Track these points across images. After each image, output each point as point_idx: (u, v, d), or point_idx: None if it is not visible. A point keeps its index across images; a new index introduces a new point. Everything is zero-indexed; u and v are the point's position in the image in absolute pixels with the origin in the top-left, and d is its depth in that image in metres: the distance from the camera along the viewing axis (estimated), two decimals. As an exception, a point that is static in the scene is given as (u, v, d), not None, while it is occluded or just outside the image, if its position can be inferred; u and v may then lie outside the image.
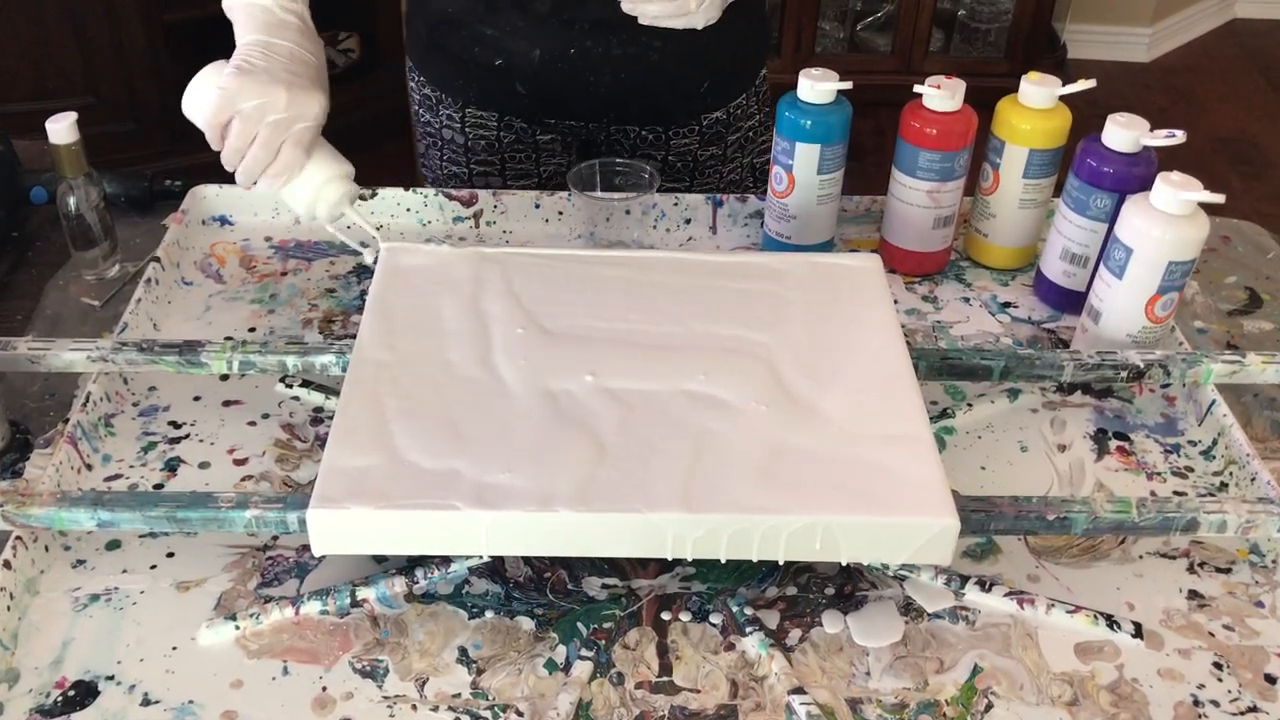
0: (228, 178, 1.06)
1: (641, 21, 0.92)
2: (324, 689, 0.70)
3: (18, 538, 0.74)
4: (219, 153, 0.87)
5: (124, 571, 0.76)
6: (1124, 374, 0.88)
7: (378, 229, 0.91)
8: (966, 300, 1.04)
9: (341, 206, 0.90)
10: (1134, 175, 0.94)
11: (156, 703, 0.68)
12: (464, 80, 1.16)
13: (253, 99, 0.84)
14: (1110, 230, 0.93)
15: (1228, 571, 0.80)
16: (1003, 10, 3.15)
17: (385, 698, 0.69)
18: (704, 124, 1.18)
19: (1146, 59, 3.50)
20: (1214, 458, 0.88)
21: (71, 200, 0.98)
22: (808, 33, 3.09)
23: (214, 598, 0.75)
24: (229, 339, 0.88)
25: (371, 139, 1.36)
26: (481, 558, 0.77)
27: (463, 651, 0.72)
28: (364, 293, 1.00)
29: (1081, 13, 3.42)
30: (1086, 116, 0.99)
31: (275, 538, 0.79)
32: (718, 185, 1.23)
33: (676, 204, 1.11)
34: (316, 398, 0.90)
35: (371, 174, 1.28)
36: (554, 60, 1.10)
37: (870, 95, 1.93)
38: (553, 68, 1.10)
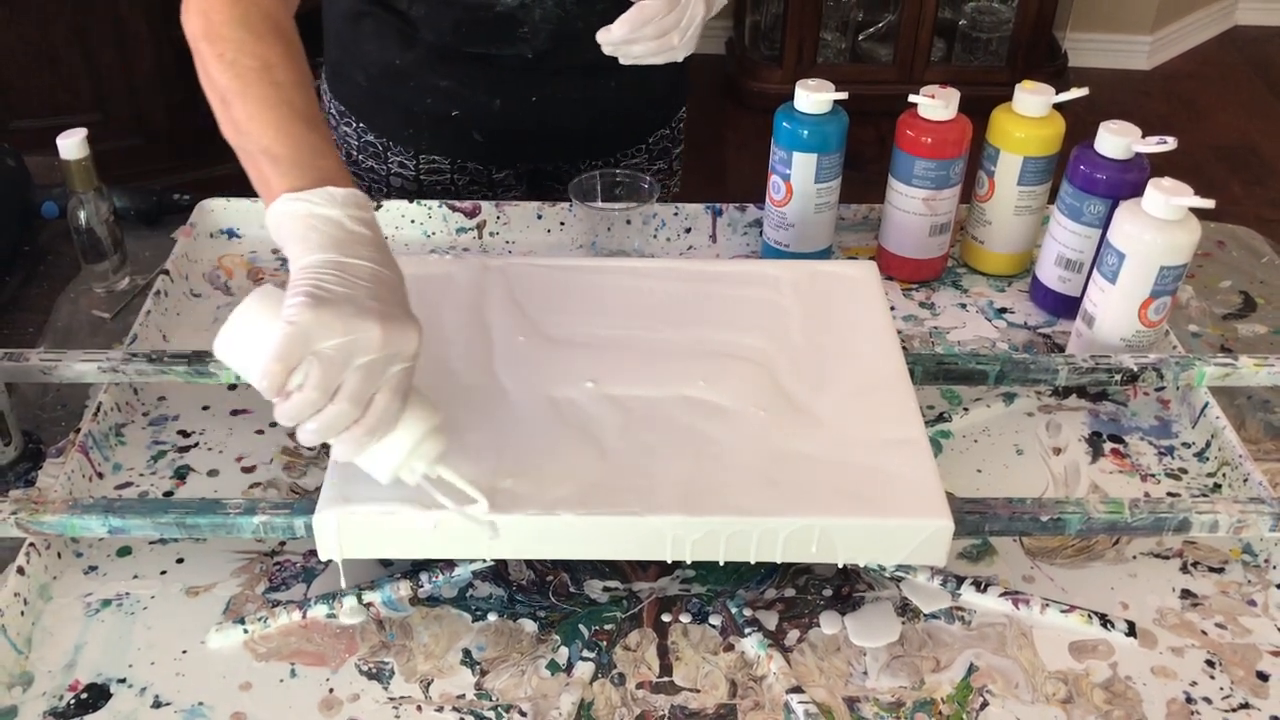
0: (234, 191, 1.08)
1: (623, 62, 0.91)
2: (331, 691, 0.71)
3: (31, 544, 0.76)
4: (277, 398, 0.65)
5: (135, 577, 0.78)
6: (1118, 377, 0.90)
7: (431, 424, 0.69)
8: (963, 306, 1.06)
9: (437, 467, 0.70)
10: (1126, 181, 0.95)
11: (167, 705, 0.70)
12: (414, 130, 1.14)
13: (335, 336, 0.63)
14: (1104, 236, 0.94)
15: (1220, 571, 0.81)
16: (1003, 19, 3.16)
17: (391, 699, 0.71)
18: (650, 141, 1.22)
19: (1147, 66, 3.51)
20: (1207, 459, 0.89)
21: (82, 214, 1.00)
22: (809, 43, 3.11)
23: (223, 602, 0.76)
24: (237, 349, 0.89)
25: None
26: (485, 561, 0.78)
27: (467, 653, 0.74)
28: (369, 303, 1.02)
29: (1082, 21, 3.44)
30: (1087, 124, 1.00)
31: (283, 543, 0.81)
32: (665, 196, 1.26)
33: (676, 213, 1.13)
34: (323, 406, 0.91)
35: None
36: (515, 108, 1.10)
37: (872, 105, 1.94)
38: (513, 115, 1.10)
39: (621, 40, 0.88)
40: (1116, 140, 0.95)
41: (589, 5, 1.01)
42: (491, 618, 0.76)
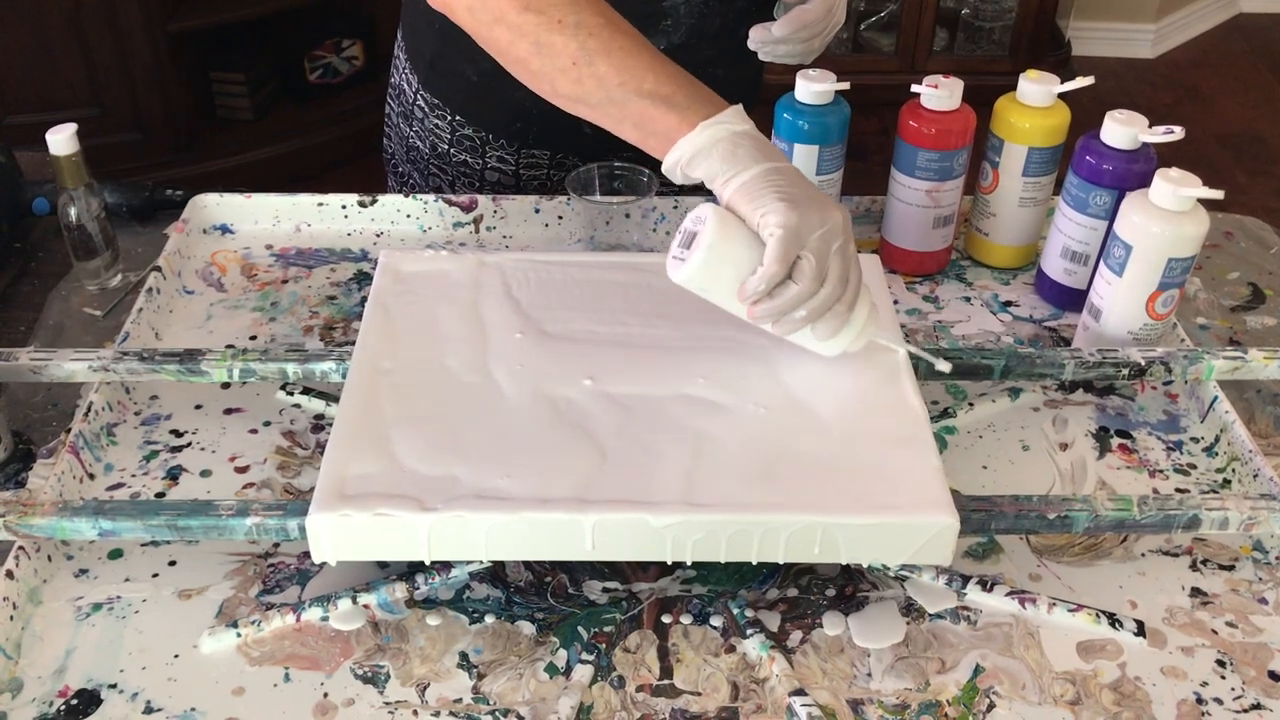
0: (227, 186, 1.07)
1: (762, 58, 0.97)
2: (325, 695, 0.70)
3: (20, 548, 0.74)
4: (758, 304, 0.75)
5: (126, 580, 0.77)
6: (1125, 371, 0.88)
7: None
8: (967, 299, 1.04)
9: (875, 331, 0.80)
10: (1133, 172, 0.94)
11: (159, 710, 0.69)
12: (524, 124, 1.12)
13: (817, 228, 0.73)
14: (1110, 227, 0.92)
15: (1231, 569, 0.79)
16: (1006, 8, 3.14)
17: (387, 703, 0.70)
18: None
19: (1151, 55, 3.49)
20: (1216, 454, 0.88)
21: (72, 211, 0.99)
22: (811, 34, 3.09)
23: (216, 605, 0.75)
24: (230, 347, 0.88)
25: (374, 144, 1.36)
26: (482, 563, 0.77)
27: (464, 656, 0.72)
28: (364, 299, 1.00)
29: (1085, 10, 3.42)
30: (1091, 114, 0.99)
31: (276, 545, 0.79)
32: None
33: (676, 207, 1.11)
34: (317, 405, 0.90)
35: (378, 180, 1.28)
36: None
37: (874, 95, 1.93)
38: None
39: (777, 40, 0.95)
40: (1123, 130, 0.94)
41: (729, 2, 1.03)
42: (489, 620, 0.75)
